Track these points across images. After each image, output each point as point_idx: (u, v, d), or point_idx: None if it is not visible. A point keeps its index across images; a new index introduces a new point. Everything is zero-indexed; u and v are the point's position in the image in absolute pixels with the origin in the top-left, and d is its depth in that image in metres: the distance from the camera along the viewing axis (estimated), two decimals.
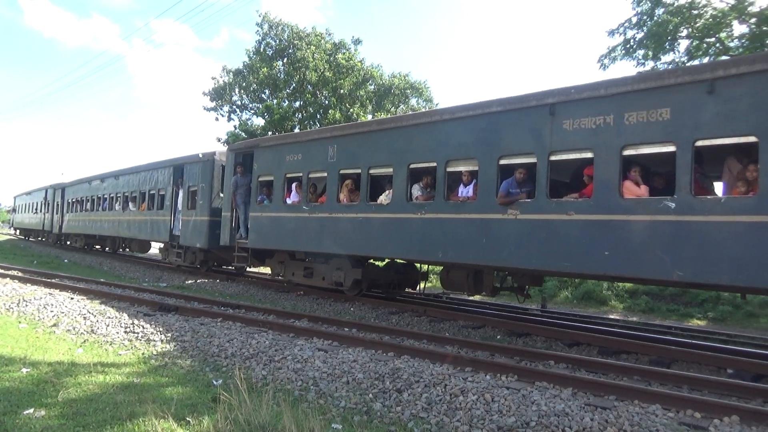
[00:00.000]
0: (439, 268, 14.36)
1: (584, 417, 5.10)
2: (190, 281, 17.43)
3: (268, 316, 10.55)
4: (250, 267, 17.52)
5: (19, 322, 9.50)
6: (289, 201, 13.55)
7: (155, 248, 24.87)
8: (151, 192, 20.42)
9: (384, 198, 11.28)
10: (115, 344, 8.08)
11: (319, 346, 7.91)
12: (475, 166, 9.55)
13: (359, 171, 11.67)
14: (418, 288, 14.18)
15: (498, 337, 9.92)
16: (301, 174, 13.19)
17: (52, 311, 10.19)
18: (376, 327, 9.77)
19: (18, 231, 49.62)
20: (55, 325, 9.27)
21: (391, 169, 10.99)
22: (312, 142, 13.07)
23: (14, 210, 51.90)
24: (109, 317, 9.63)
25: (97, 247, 29.53)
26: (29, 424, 4.75)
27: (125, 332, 8.71)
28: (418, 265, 13.58)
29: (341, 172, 12.13)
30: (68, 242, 32.86)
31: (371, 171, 11.47)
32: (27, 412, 5.04)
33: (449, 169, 9.96)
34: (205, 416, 4.96)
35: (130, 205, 22.23)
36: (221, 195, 16.43)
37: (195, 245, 17.33)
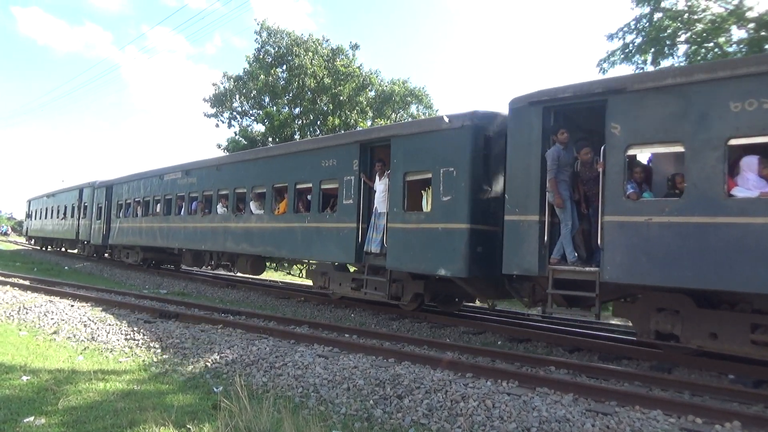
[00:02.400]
0: None
1: (585, 423, 5.09)
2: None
3: (269, 323, 10.54)
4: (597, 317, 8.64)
5: (20, 330, 9.50)
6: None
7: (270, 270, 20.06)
8: (302, 186, 13.46)
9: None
10: (116, 351, 8.07)
11: (320, 352, 7.90)
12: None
13: None
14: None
15: (499, 342, 9.91)
16: None
17: (52, 318, 10.18)
18: (376, 333, 9.76)
19: (33, 240, 41.68)
20: (55, 332, 9.26)
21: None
22: None
23: (29, 216, 42.78)
24: (110, 324, 9.62)
25: (170, 266, 23.21)
26: None
27: (126, 339, 8.71)
28: None
29: None
30: (115, 255, 25.17)
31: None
32: (27, 419, 5.04)
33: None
34: (206, 423, 4.96)
35: (252, 206, 15.00)
36: (490, 186, 9.90)
37: (436, 271, 9.89)
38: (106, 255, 26.60)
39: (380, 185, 11.10)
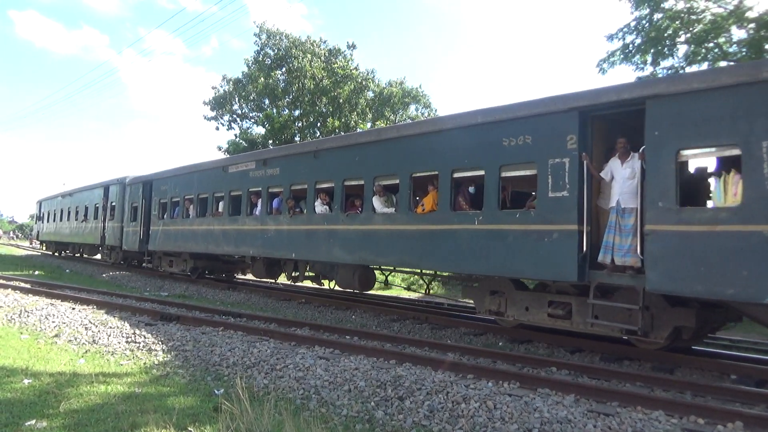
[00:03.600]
0: None
1: (587, 423, 5.09)
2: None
3: (270, 325, 10.53)
4: None
5: (21, 333, 9.50)
6: None
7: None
8: (464, 174, 10.03)
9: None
10: (117, 354, 8.07)
11: (321, 354, 7.90)
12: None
13: None
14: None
15: (500, 343, 9.89)
16: None
17: (53, 322, 10.19)
18: (377, 335, 9.76)
19: (44, 245, 38.32)
20: (56, 335, 9.27)
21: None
22: None
23: (40, 218, 38.55)
24: (111, 327, 9.62)
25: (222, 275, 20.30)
26: None
27: (127, 342, 8.71)
28: None
29: None
30: (155, 264, 21.18)
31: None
32: (29, 423, 5.04)
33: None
34: (207, 426, 4.96)
35: (376, 203, 11.34)
36: None
37: (754, 298, 6.39)
38: (145, 263, 21.86)
39: (623, 170, 7.86)
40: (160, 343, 8.57)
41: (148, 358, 7.82)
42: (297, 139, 31.58)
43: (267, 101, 33.44)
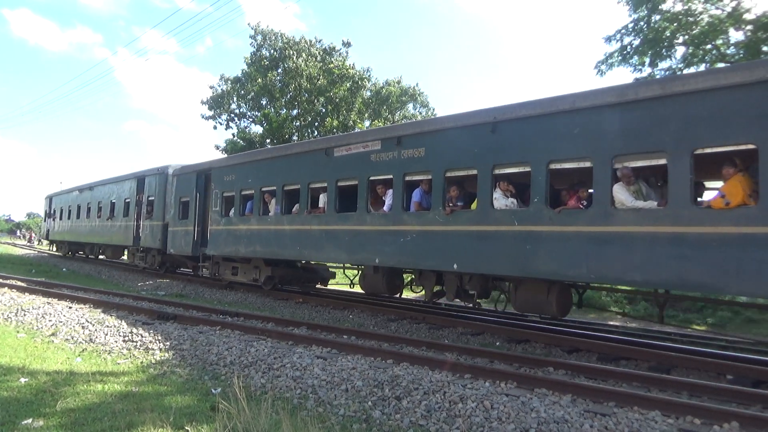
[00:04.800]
0: None
1: (584, 424, 5.09)
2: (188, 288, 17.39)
3: (267, 324, 10.53)
4: None
5: (18, 332, 9.48)
6: None
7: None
8: None
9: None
10: (114, 353, 8.06)
11: (318, 353, 7.90)
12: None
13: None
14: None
15: (497, 343, 9.91)
16: None
17: (50, 320, 10.17)
18: (375, 334, 9.76)
19: (54, 246, 34.87)
20: (53, 334, 9.25)
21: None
22: None
23: (50, 215, 34.33)
24: (108, 326, 9.61)
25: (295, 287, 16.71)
26: None
27: (124, 341, 8.69)
28: None
29: None
30: (213, 270, 17.25)
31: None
32: (25, 422, 5.02)
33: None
34: (204, 425, 4.95)
35: (622, 193, 7.95)
36: None
37: None
38: (201, 270, 18.01)
39: None
40: (157, 342, 8.56)
41: (145, 357, 7.81)
42: (294, 138, 31.55)
43: (265, 101, 33.45)
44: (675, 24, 17.87)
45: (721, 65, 17.46)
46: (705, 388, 6.58)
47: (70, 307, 11.59)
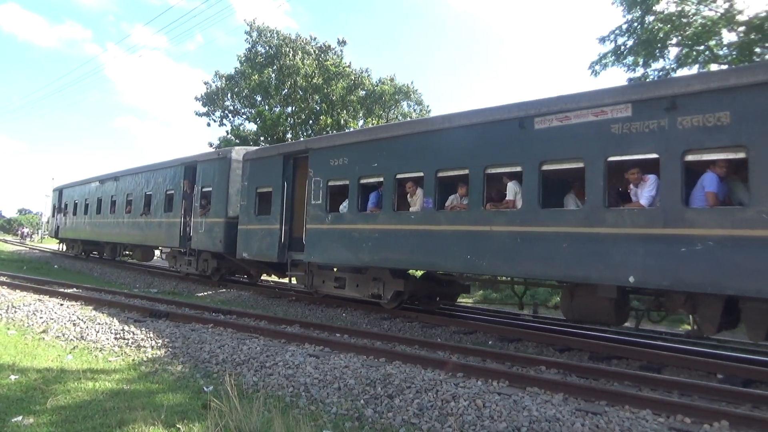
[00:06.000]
0: None
1: (575, 422, 5.11)
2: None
3: (260, 322, 10.51)
4: None
5: (8, 329, 9.42)
6: None
7: None
8: None
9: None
10: (105, 351, 8.02)
11: (311, 351, 7.89)
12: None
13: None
14: None
15: (490, 342, 9.93)
16: None
17: (41, 317, 10.10)
18: (367, 333, 9.76)
19: (64, 245, 31.09)
20: (44, 331, 9.19)
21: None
22: None
23: (60, 209, 30.23)
24: (99, 323, 9.56)
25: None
26: None
27: (115, 338, 8.65)
28: None
29: None
30: (314, 282, 13.33)
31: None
32: (15, 419, 5.00)
33: None
34: (196, 423, 4.94)
35: None
36: None
37: None
38: (292, 280, 14.55)
39: None
40: (149, 339, 8.52)
41: (136, 355, 7.78)
42: (288, 137, 31.50)
43: (259, 98, 33.38)
44: (668, 25, 17.96)
45: (714, 66, 17.59)
46: (695, 387, 6.62)
47: (62, 304, 11.52)
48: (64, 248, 30.91)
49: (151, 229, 19.55)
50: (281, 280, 16.82)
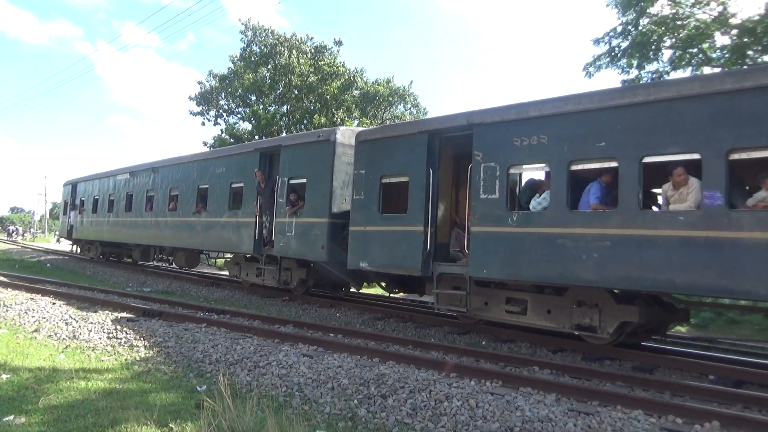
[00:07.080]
0: None
1: (567, 422, 5.14)
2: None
3: (253, 322, 10.49)
4: None
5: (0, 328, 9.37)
6: None
7: None
8: None
9: None
10: (98, 350, 7.99)
11: (305, 351, 7.88)
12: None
13: None
14: None
15: (483, 343, 9.95)
16: None
17: (33, 316, 10.05)
18: (361, 333, 9.76)
19: (78, 247, 27.32)
20: (36, 330, 9.14)
21: None
22: None
23: (73, 206, 26.79)
24: (92, 323, 9.52)
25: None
26: (9, 431, 4.68)
27: (108, 338, 8.62)
28: None
29: None
30: (490, 308, 9.77)
31: None
32: (7, 418, 4.97)
33: None
34: (189, 422, 4.93)
35: None
36: None
37: None
38: (437, 303, 10.36)
39: None
40: (142, 339, 8.50)
41: (129, 354, 7.75)
42: (283, 134, 31.47)
43: (254, 97, 33.33)
44: (663, 27, 18.07)
45: (707, 69, 17.70)
46: (687, 387, 6.66)
47: (54, 303, 11.47)
48: (78, 250, 27.44)
49: (208, 231, 16.11)
50: (397, 295, 13.79)
